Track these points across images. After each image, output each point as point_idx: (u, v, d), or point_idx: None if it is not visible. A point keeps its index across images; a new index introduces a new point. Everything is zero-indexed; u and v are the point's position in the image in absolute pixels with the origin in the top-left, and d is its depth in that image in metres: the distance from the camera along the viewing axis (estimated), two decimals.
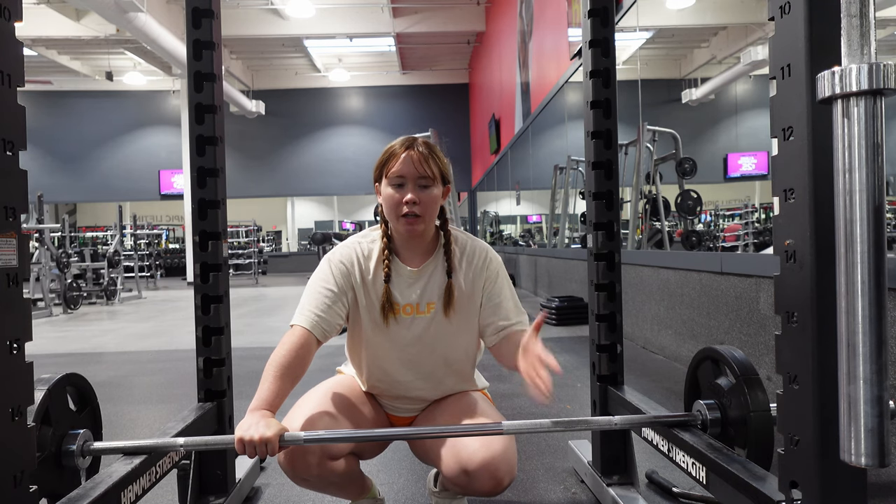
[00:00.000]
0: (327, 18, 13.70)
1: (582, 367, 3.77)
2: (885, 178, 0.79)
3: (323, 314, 1.39)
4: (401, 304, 1.44)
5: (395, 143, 1.42)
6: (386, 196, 1.39)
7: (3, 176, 0.93)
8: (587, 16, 1.88)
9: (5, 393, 0.92)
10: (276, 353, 1.34)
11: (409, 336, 1.45)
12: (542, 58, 8.36)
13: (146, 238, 14.68)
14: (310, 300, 1.41)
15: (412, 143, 1.40)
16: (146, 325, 6.77)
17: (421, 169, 1.37)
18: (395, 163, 1.37)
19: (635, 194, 6.29)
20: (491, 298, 1.47)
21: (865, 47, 0.76)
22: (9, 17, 0.95)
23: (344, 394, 1.50)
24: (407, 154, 1.37)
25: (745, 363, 1.46)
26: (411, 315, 1.44)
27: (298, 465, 1.33)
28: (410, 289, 1.45)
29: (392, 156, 1.39)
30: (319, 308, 1.39)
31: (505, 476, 1.31)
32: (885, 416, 0.78)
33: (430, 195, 1.39)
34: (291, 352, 1.33)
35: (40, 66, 15.22)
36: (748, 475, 1.18)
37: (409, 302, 1.44)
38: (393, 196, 1.38)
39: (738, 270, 3.10)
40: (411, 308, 1.44)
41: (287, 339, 1.36)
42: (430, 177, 1.38)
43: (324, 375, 1.64)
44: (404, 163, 1.37)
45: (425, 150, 1.39)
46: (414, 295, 1.44)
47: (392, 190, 1.38)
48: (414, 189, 1.37)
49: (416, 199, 1.36)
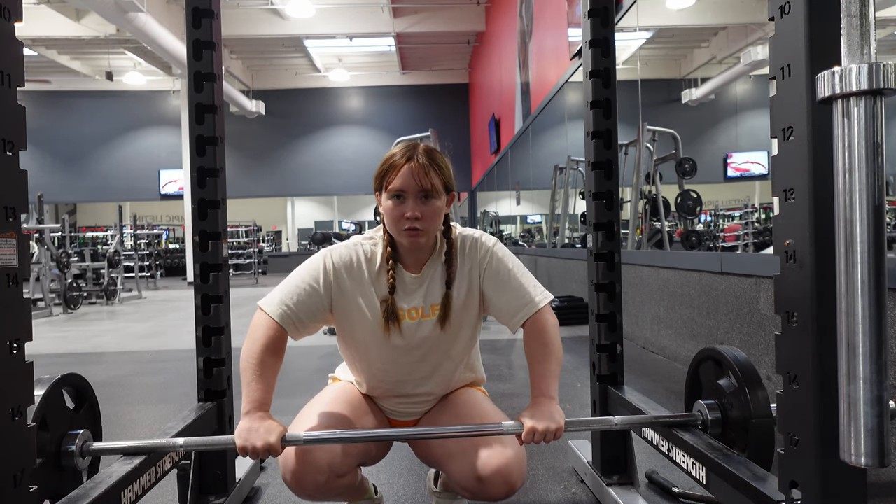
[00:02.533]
0: (327, 18, 13.70)
1: (582, 367, 3.77)
2: (885, 178, 0.79)
3: (302, 315, 1.36)
4: (406, 308, 1.41)
5: (396, 152, 1.35)
6: (387, 208, 1.34)
7: (3, 176, 0.93)
8: (587, 16, 1.88)
9: (5, 393, 0.92)
10: (253, 347, 1.30)
11: (416, 339, 1.42)
12: (542, 58, 8.36)
13: (146, 238, 14.68)
14: (291, 292, 1.36)
15: (413, 153, 1.33)
16: (146, 325, 6.76)
17: (422, 183, 1.30)
18: (394, 175, 1.31)
19: (635, 194, 6.29)
20: (496, 288, 1.41)
21: (865, 47, 0.76)
22: (9, 17, 0.95)
23: (345, 404, 1.46)
24: (407, 167, 1.30)
25: (745, 363, 1.46)
26: (417, 319, 1.41)
27: (307, 483, 1.31)
28: (415, 294, 1.41)
29: (392, 168, 1.32)
30: (299, 307, 1.35)
31: (517, 480, 1.31)
32: (885, 416, 0.78)
33: (433, 208, 1.32)
34: (269, 347, 1.31)
35: (40, 66, 15.22)
36: (748, 475, 1.18)
37: (414, 306, 1.41)
38: (394, 210, 1.32)
39: (737, 270, 3.10)
40: (416, 312, 1.41)
41: (262, 331, 1.32)
42: (431, 189, 1.31)
43: (322, 376, 1.64)
44: (404, 176, 1.30)
45: (426, 160, 1.32)
46: (418, 299, 1.41)
47: (393, 203, 1.32)
48: (415, 203, 1.31)
49: (417, 213, 1.30)
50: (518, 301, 1.39)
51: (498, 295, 1.41)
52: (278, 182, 18.38)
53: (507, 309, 1.40)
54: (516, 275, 1.41)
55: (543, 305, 1.39)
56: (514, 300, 1.39)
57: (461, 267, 1.42)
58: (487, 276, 1.42)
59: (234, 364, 1.86)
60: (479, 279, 1.42)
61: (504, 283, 1.41)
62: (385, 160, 1.35)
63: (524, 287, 1.40)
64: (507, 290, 1.40)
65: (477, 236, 1.45)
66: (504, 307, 1.41)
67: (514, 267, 1.42)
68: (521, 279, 1.41)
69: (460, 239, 1.45)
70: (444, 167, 1.35)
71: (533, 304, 1.39)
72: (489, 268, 1.42)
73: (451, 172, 1.37)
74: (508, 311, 1.40)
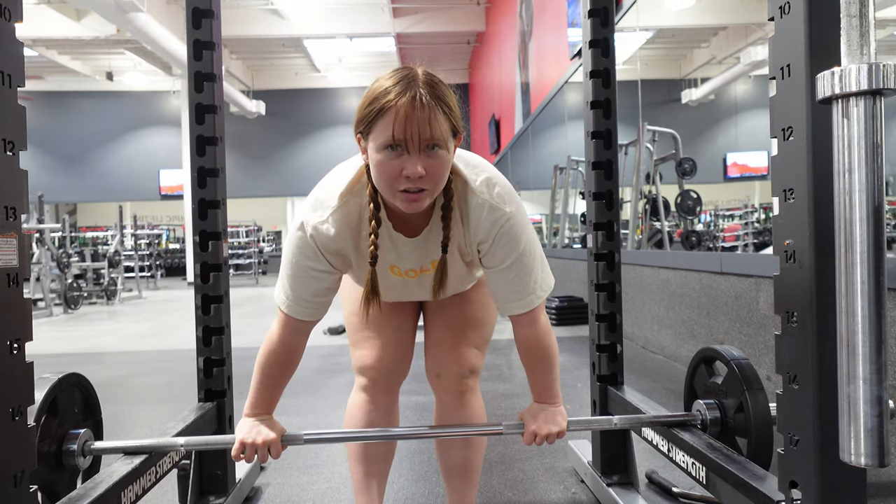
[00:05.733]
0: (327, 18, 13.70)
1: (582, 367, 3.77)
2: (885, 178, 0.79)
3: (320, 298, 1.20)
4: (402, 269, 1.25)
5: (387, 85, 1.01)
6: (377, 163, 1.01)
7: (4, 176, 0.93)
8: (587, 16, 1.88)
9: (5, 393, 0.92)
10: (267, 358, 1.24)
11: (417, 285, 1.31)
12: (542, 58, 8.35)
13: (146, 238, 14.68)
14: (300, 284, 1.18)
15: (412, 87, 1.00)
16: (146, 325, 6.76)
17: (429, 130, 0.98)
18: (389, 120, 0.98)
19: (635, 194, 6.29)
20: (494, 272, 1.20)
21: (865, 47, 0.76)
22: (9, 17, 0.95)
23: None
24: (406, 108, 0.97)
25: (744, 363, 1.46)
26: (417, 277, 1.27)
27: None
28: (412, 255, 1.21)
29: (385, 109, 0.99)
30: (316, 293, 1.19)
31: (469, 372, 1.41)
32: (885, 416, 0.78)
33: (440, 161, 1.02)
34: (285, 357, 1.24)
35: (40, 66, 15.22)
36: (748, 475, 1.18)
37: (412, 267, 1.24)
38: (388, 165, 1.00)
39: (737, 270, 3.10)
40: (414, 272, 1.26)
41: (280, 338, 1.23)
42: (440, 138, 1.00)
43: (323, 376, 1.64)
44: (403, 122, 0.97)
45: (431, 98, 0.99)
46: (415, 260, 1.23)
47: (385, 156, 1.00)
48: (418, 156, 0.99)
49: (420, 170, 0.99)
50: (513, 294, 1.21)
51: (495, 278, 1.22)
52: (278, 182, 18.38)
53: (500, 295, 1.23)
54: (519, 266, 1.18)
55: (537, 304, 1.24)
56: (511, 293, 1.22)
57: (464, 232, 1.18)
58: (489, 254, 1.18)
59: (234, 364, 1.87)
60: (479, 253, 1.21)
61: (504, 271, 1.19)
62: (373, 95, 1.02)
63: (523, 282, 1.20)
64: (505, 281, 1.20)
65: (494, 205, 1.14)
66: (497, 292, 1.24)
67: (521, 255, 1.17)
68: (522, 274, 1.19)
69: (470, 196, 1.14)
70: (453, 104, 1.05)
71: (527, 303, 1.22)
72: (495, 243, 1.16)
73: (458, 109, 1.07)
74: (500, 297, 1.24)
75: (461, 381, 1.40)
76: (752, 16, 8.01)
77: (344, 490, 1.93)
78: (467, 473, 1.47)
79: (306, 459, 2.19)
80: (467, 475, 1.47)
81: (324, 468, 2.12)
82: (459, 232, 1.18)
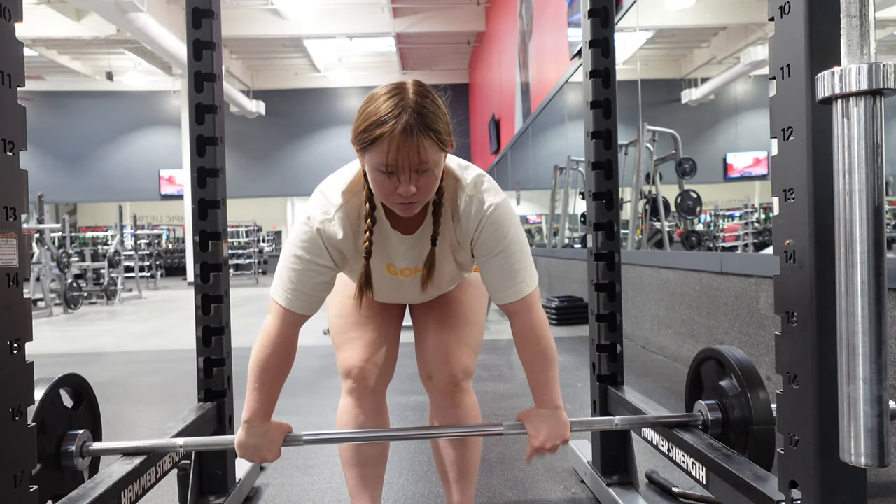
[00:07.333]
0: (327, 18, 13.71)
1: (582, 367, 3.77)
2: (885, 178, 0.79)
3: (318, 293, 1.24)
4: (398, 268, 1.31)
5: (380, 109, 1.07)
6: (373, 179, 1.11)
7: (4, 176, 0.93)
8: (587, 16, 1.88)
9: (5, 393, 0.92)
10: (264, 351, 1.24)
11: (411, 285, 1.35)
12: (542, 58, 8.36)
13: (146, 238, 14.68)
14: (301, 277, 1.22)
15: (403, 114, 1.06)
16: (146, 325, 6.77)
17: (417, 157, 1.06)
18: (381, 145, 1.06)
19: (635, 194, 6.29)
20: (485, 263, 1.26)
21: (865, 47, 0.76)
22: (9, 17, 0.95)
23: (364, 307, 1.43)
24: (396, 137, 1.04)
25: (746, 364, 1.46)
26: (412, 276, 1.32)
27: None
28: (409, 252, 1.28)
29: (378, 137, 1.06)
30: (316, 287, 1.23)
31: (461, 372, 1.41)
32: (885, 416, 0.78)
33: (431, 178, 1.11)
34: (282, 350, 1.24)
35: (40, 66, 15.22)
36: (748, 475, 1.18)
37: (408, 266, 1.30)
38: (383, 184, 1.10)
39: (737, 270, 3.10)
40: (410, 271, 1.32)
41: (278, 330, 1.23)
42: (428, 162, 1.08)
43: (323, 376, 1.64)
44: (394, 150, 1.05)
45: (420, 125, 1.06)
46: (411, 258, 1.29)
47: (380, 177, 1.09)
48: (410, 177, 1.08)
49: (413, 190, 1.09)
50: (505, 282, 1.26)
51: (486, 266, 1.27)
52: (278, 182, 18.38)
53: (492, 284, 1.28)
54: (507, 254, 1.24)
55: (529, 292, 1.27)
56: (502, 280, 1.26)
57: (455, 228, 1.25)
58: (480, 243, 1.24)
59: (234, 364, 1.87)
60: (471, 244, 1.26)
61: (494, 258, 1.25)
62: (366, 115, 1.09)
63: (513, 269, 1.25)
64: (495, 268, 1.25)
65: (481, 199, 1.22)
66: (489, 281, 1.29)
67: (509, 243, 1.24)
68: (512, 261, 1.25)
69: (459, 192, 1.23)
70: (442, 124, 1.10)
71: (517, 290, 1.26)
72: (484, 231, 1.23)
73: (449, 123, 1.13)
74: (492, 285, 1.28)
75: (453, 382, 1.41)
76: (752, 16, 8.02)
77: (344, 490, 1.93)
78: (464, 473, 1.48)
79: (306, 459, 2.19)
80: (464, 474, 1.48)
81: (324, 468, 2.12)
82: (450, 227, 1.25)
